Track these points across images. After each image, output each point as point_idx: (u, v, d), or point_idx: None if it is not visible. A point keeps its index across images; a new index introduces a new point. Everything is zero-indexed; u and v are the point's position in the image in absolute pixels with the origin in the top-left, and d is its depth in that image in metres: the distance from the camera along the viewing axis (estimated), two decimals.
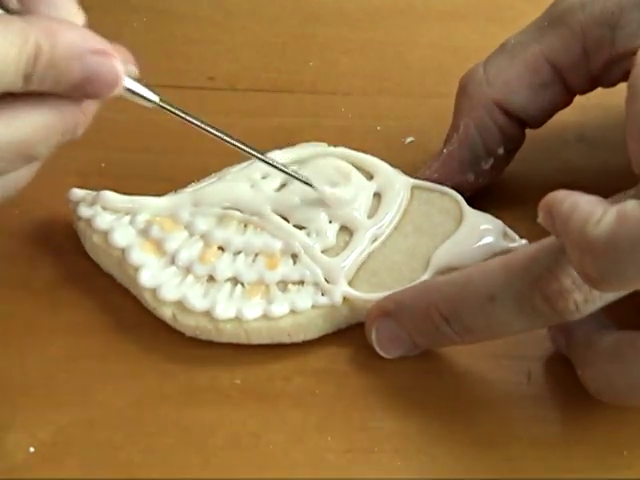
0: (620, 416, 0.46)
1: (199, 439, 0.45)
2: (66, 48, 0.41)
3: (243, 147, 0.48)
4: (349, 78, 0.60)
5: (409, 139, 0.56)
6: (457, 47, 0.61)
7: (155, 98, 0.46)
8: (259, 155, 0.49)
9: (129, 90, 0.44)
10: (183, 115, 0.47)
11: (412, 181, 0.52)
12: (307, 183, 0.50)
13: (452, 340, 0.45)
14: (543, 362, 0.48)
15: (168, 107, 0.46)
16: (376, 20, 0.63)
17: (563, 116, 0.54)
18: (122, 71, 0.43)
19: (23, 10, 0.43)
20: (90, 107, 0.44)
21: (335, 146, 0.53)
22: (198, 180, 0.52)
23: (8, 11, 0.43)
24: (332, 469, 0.45)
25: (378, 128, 0.57)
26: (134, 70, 0.45)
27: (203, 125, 0.47)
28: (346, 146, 0.53)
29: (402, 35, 0.62)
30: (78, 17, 0.44)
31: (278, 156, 0.52)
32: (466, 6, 0.64)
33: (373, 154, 0.53)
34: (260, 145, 0.52)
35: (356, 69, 0.60)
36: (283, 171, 0.50)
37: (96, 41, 0.42)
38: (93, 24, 0.59)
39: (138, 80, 0.45)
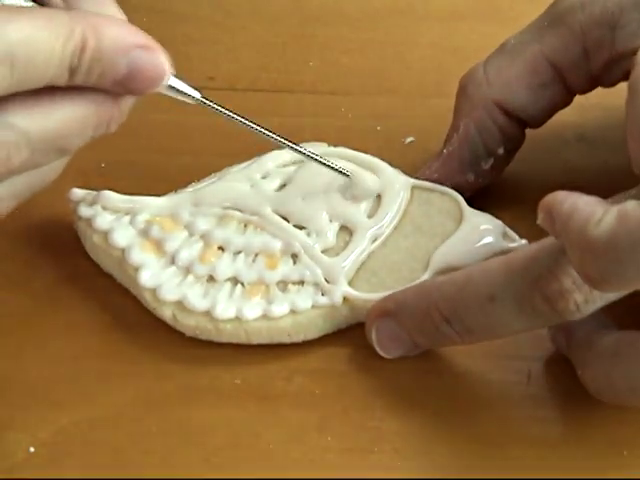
0: (620, 416, 0.46)
1: (199, 439, 0.45)
2: (112, 42, 0.41)
3: (281, 140, 0.48)
4: (349, 78, 0.60)
5: (409, 139, 0.56)
6: (457, 47, 0.61)
7: (197, 95, 0.45)
8: (296, 147, 0.49)
9: (171, 87, 0.44)
10: (224, 111, 0.47)
11: (412, 181, 0.52)
12: (343, 173, 0.50)
13: (452, 340, 0.45)
14: (543, 362, 0.48)
15: (209, 103, 0.46)
16: (376, 20, 0.63)
17: (563, 116, 0.54)
18: (167, 66, 0.43)
19: (66, 7, 0.43)
20: (126, 103, 0.43)
21: (335, 146, 0.53)
22: (198, 180, 0.52)
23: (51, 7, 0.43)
24: (332, 469, 0.45)
25: (378, 128, 0.57)
26: (172, 69, 0.44)
27: (244, 121, 0.47)
28: (346, 146, 0.53)
29: (402, 35, 0.62)
30: (120, 16, 0.44)
31: (278, 156, 0.52)
32: (466, 6, 0.64)
33: (373, 154, 0.53)
34: (260, 145, 0.52)
35: (356, 69, 0.60)
36: (323, 163, 0.50)
37: (141, 36, 0.42)
38: None
39: (179, 77, 0.44)
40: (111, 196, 0.50)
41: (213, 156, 0.52)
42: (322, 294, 0.48)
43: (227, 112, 0.47)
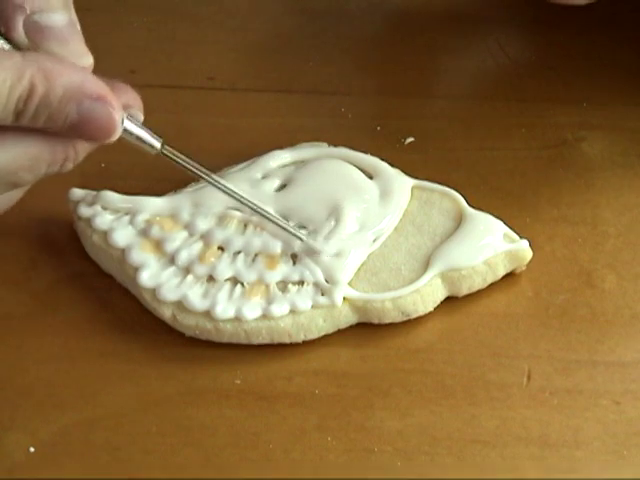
0: (620, 416, 0.46)
1: (199, 439, 0.45)
2: (63, 89, 0.41)
3: (245, 202, 0.48)
4: (349, 78, 0.60)
5: (409, 139, 0.56)
6: (457, 47, 0.61)
7: (157, 145, 0.45)
8: (258, 209, 0.49)
9: (131, 135, 0.44)
10: (185, 164, 0.47)
11: (412, 181, 0.52)
12: (298, 236, 0.49)
13: None
14: (543, 362, 0.48)
15: (170, 155, 0.46)
16: (376, 20, 0.63)
17: (563, 116, 0.54)
18: (119, 120, 0.43)
19: (30, 45, 0.43)
20: (84, 145, 0.43)
21: (335, 146, 0.53)
22: (198, 180, 0.52)
23: (14, 44, 0.43)
24: (332, 469, 0.45)
25: (378, 128, 0.57)
26: (139, 115, 0.44)
27: (205, 175, 0.47)
28: (346, 146, 0.53)
29: (402, 35, 0.62)
30: (85, 58, 0.43)
31: (277, 156, 0.52)
32: (466, 6, 0.64)
33: (373, 154, 0.53)
34: (260, 145, 0.52)
35: (356, 69, 0.60)
36: (279, 225, 0.49)
37: (96, 86, 0.42)
38: (93, 24, 0.59)
39: (142, 126, 0.44)
40: (111, 196, 0.50)
41: (213, 156, 0.52)
42: (322, 294, 0.48)
43: (187, 164, 0.47)
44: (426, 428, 0.46)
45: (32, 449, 0.45)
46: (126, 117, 0.44)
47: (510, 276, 0.51)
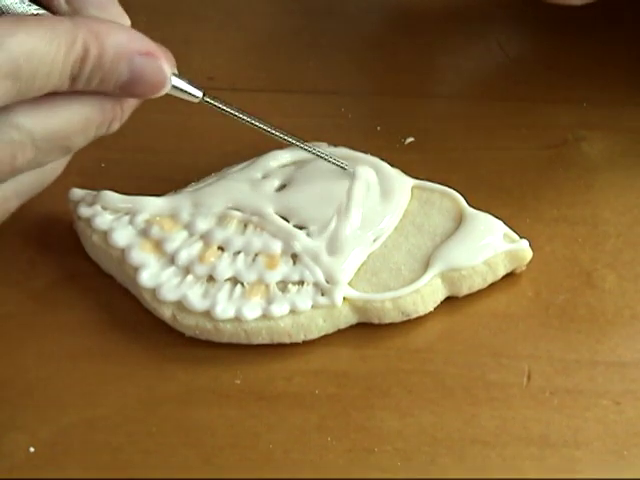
0: (620, 416, 0.46)
1: (199, 439, 0.45)
2: (114, 49, 0.42)
3: (285, 137, 0.49)
4: (349, 78, 0.60)
5: (409, 139, 0.56)
6: (457, 47, 0.61)
7: (199, 94, 0.46)
8: (299, 143, 0.50)
9: (175, 87, 0.45)
10: (226, 109, 0.47)
11: (412, 181, 0.52)
12: (341, 166, 0.50)
13: None
14: (543, 362, 0.48)
15: (212, 102, 0.47)
16: (376, 20, 0.63)
17: (563, 116, 0.54)
18: (169, 72, 0.43)
19: (70, 11, 0.43)
20: (129, 103, 0.44)
21: (335, 146, 0.53)
22: (198, 180, 0.52)
23: (55, 13, 0.43)
24: (332, 469, 0.44)
25: (378, 128, 0.57)
26: (175, 69, 0.45)
27: (247, 118, 0.48)
28: (346, 146, 0.53)
29: (402, 35, 0.62)
30: (124, 19, 0.44)
31: (277, 156, 0.52)
32: (466, 6, 0.64)
33: (373, 154, 0.53)
34: (260, 145, 0.52)
35: (356, 69, 0.60)
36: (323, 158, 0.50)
37: (143, 42, 0.43)
38: None
39: (181, 77, 0.45)
40: (111, 196, 0.50)
41: (213, 156, 0.52)
42: (322, 294, 0.48)
43: (229, 109, 0.48)
44: (426, 428, 0.46)
45: (32, 449, 0.45)
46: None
47: (510, 276, 0.51)
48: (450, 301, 0.50)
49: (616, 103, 0.58)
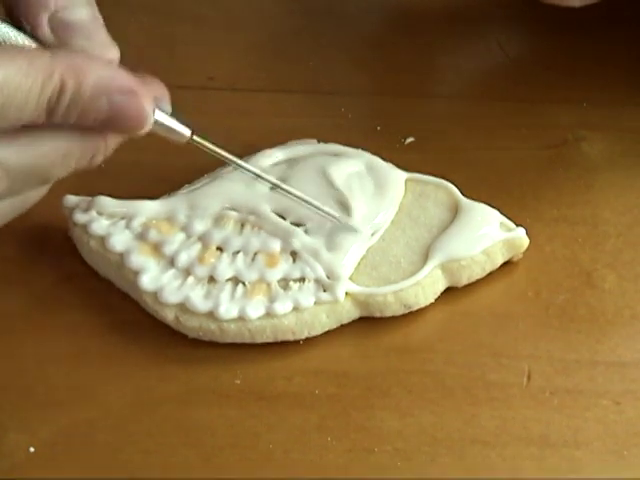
0: (620, 416, 0.46)
1: (199, 439, 0.45)
2: (92, 86, 0.41)
3: (272, 181, 0.49)
4: (349, 78, 0.60)
5: (409, 139, 0.56)
6: (457, 47, 0.61)
7: (187, 133, 0.45)
8: (288, 188, 0.49)
9: (161, 125, 0.44)
10: (217, 150, 0.47)
11: (405, 174, 0.52)
12: (332, 215, 0.50)
13: None
14: (543, 362, 0.48)
15: (200, 142, 0.46)
16: (376, 20, 0.63)
17: (563, 116, 0.54)
18: (150, 112, 0.43)
19: (56, 41, 0.43)
20: (115, 138, 0.44)
21: (325, 142, 0.53)
22: (191, 182, 0.52)
23: (40, 41, 0.43)
24: (332, 469, 0.44)
25: (378, 128, 0.57)
26: (168, 106, 0.45)
27: (236, 160, 0.48)
28: (346, 146, 0.53)
29: (402, 35, 0.62)
30: (112, 50, 0.44)
31: (270, 155, 0.52)
32: (466, 6, 0.64)
33: (373, 154, 0.53)
34: (260, 145, 0.52)
35: (356, 69, 0.60)
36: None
37: (125, 79, 0.42)
38: None
39: (172, 115, 0.45)
40: (106, 201, 0.50)
41: (213, 156, 0.52)
42: (324, 290, 0.48)
43: (219, 151, 0.47)
44: (426, 428, 0.46)
45: (32, 449, 0.45)
46: (155, 108, 0.44)
47: (510, 276, 0.51)
48: (450, 301, 0.50)
49: (616, 103, 0.58)
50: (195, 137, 0.46)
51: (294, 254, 0.49)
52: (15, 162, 0.41)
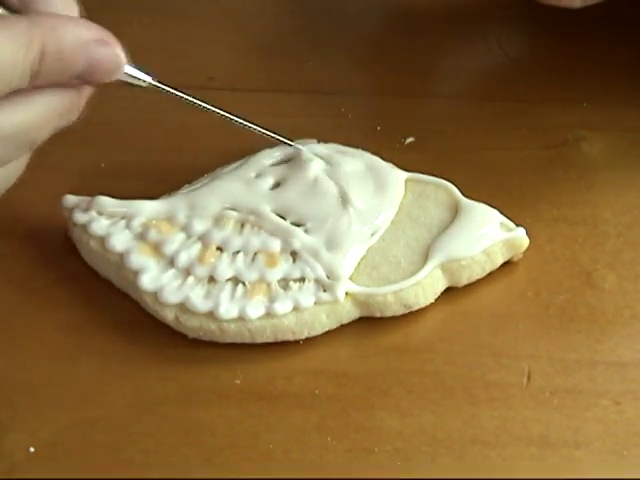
0: (620, 416, 0.46)
1: (199, 439, 0.45)
2: (70, 41, 0.42)
3: (239, 120, 0.49)
4: (349, 78, 0.60)
5: (409, 139, 0.56)
6: (457, 47, 0.61)
7: (149, 79, 0.46)
8: (254, 126, 0.50)
9: (126, 74, 0.45)
10: (177, 93, 0.48)
11: (405, 174, 0.52)
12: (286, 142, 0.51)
13: None
14: (543, 362, 0.48)
15: (161, 86, 0.47)
16: (376, 20, 0.63)
17: (563, 116, 0.54)
18: (124, 57, 0.44)
19: (22, 8, 0.43)
20: (86, 91, 0.44)
21: (325, 142, 0.53)
22: (191, 182, 0.52)
23: (9, 9, 0.43)
24: (332, 469, 0.44)
25: (378, 128, 0.57)
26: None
27: (197, 101, 0.48)
28: (346, 146, 0.53)
29: (402, 35, 0.62)
30: (73, 7, 0.44)
31: (270, 154, 0.52)
32: (466, 6, 0.64)
33: (373, 154, 0.53)
34: (260, 145, 0.52)
35: (356, 69, 0.60)
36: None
37: (97, 30, 0.43)
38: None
39: (132, 63, 0.45)
40: (106, 201, 0.50)
41: (213, 156, 0.52)
42: (324, 290, 0.48)
43: (178, 93, 0.48)
44: (426, 428, 0.46)
45: (32, 449, 0.45)
46: None
47: (510, 276, 0.51)
48: (450, 300, 0.50)
49: (616, 103, 0.58)
50: (153, 82, 0.47)
51: (294, 254, 0.49)
52: (6, 127, 0.42)
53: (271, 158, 0.52)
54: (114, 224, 0.50)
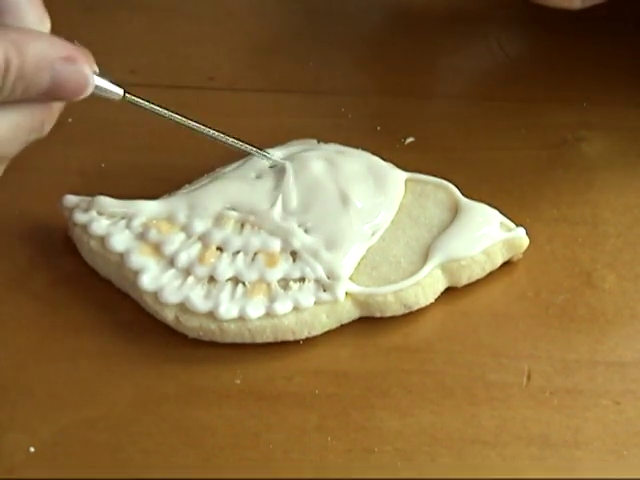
0: (620, 416, 0.46)
1: (199, 439, 0.45)
2: (35, 58, 0.41)
3: (215, 135, 0.49)
4: (349, 78, 0.60)
5: (409, 139, 0.56)
6: (457, 47, 0.61)
7: (120, 92, 0.46)
8: (235, 142, 0.50)
9: (98, 87, 0.44)
10: (149, 106, 0.47)
11: (405, 174, 0.52)
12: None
13: None
14: (543, 362, 0.48)
15: (134, 100, 0.46)
16: (376, 20, 0.63)
17: (563, 116, 0.54)
18: (90, 75, 0.43)
19: None
20: (57, 105, 0.44)
21: (325, 142, 0.53)
22: (191, 182, 0.52)
23: None
24: (332, 469, 0.44)
25: (378, 128, 0.57)
26: (96, 68, 0.44)
27: (173, 116, 0.48)
28: (346, 146, 0.53)
29: (402, 35, 0.62)
30: (45, 22, 0.44)
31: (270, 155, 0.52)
32: (466, 6, 0.64)
33: (373, 154, 0.53)
34: (260, 145, 0.52)
35: (356, 69, 0.60)
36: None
37: (63, 47, 0.42)
38: (93, 24, 0.59)
39: (103, 76, 0.45)
40: (106, 201, 0.50)
41: (213, 156, 0.52)
42: (324, 290, 0.48)
43: (151, 107, 0.47)
44: (426, 428, 0.46)
45: (32, 449, 0.45)
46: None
47: (510, 276, 0.51)
48: (450, 300, 0.50)
49: (616, 103, 0.58)
50: (127, 95, 0.46)
51: (294, 254, 0.49)
52: None
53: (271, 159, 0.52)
54: (114, 224, 0.50)
